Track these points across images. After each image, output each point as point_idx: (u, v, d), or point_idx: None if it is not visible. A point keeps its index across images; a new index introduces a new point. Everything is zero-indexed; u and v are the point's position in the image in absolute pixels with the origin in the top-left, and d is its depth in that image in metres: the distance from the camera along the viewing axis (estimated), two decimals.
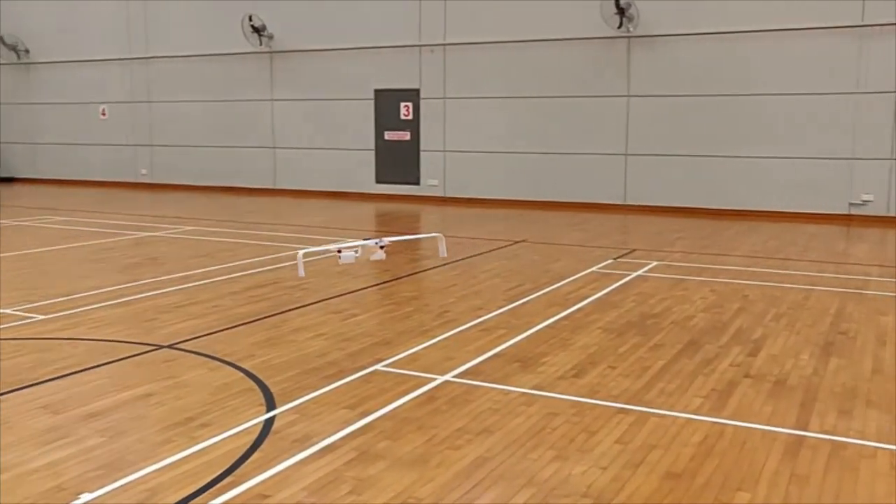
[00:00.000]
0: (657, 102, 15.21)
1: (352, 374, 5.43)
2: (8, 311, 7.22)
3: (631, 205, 15.59)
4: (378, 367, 5.59)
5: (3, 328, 6.65)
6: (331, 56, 18.00)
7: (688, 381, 5.33)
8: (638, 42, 15.22)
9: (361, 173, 18.04)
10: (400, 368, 5.56)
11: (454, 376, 5.37)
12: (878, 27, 13.44)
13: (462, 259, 10.13)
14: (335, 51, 17.91)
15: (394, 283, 8.78)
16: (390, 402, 4.85)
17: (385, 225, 14.28)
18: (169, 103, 20.21)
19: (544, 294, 8.00)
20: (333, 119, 18.18)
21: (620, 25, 15.01)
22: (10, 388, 5.11)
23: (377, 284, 8.74)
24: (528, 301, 7.69)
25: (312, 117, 18.41)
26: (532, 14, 15.93)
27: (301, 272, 8.45)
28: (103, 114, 21.16)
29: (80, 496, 3.65)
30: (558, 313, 7.17)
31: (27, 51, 21.89)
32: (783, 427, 4.52)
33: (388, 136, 17.70)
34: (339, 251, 8.73)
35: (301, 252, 8.40)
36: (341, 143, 18.17)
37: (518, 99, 16.34)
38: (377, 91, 17.63)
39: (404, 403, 4.85)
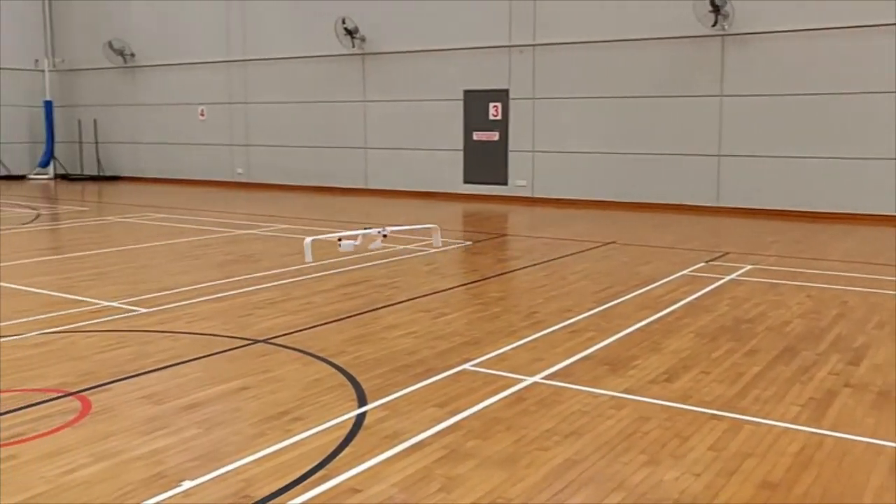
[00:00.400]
0: (751, 102, 14.80)
1: (441, 372, 5.47)
2: (113, 303, 7.55)
3: (723, 206, 15.22)
4: (467, 366, 5.62)
5: (109, 320, 6.95)
6: (421, 57, 18.16)
7: (784, 388, 5.17)
8: (732, 40, 14.83)
9: (450, 173, 18.13)
10: (488, 368, 5.57)
11: (543, 378, 5.36)
12: None
13: (551, 260, 10.08)
14: (426, 52, 18.06)
15: (482, 282, 8.80)
16: (479, 402, 4.87)
17: (472, 225, 14.32)
18: (265, 104, 20.74)
19: (635, 296, 7.89)
20: (423, 120, 18.33)
21: (715, 24, 14.67)
22: (115, 378, 5.35)
23: (466, 284, 8.78)
24: (618, 303, 7.59)
25: (403, 118, 18.61)
26: (623, 14, 15.71)
27: (308, 258, 8.65)
28: (202, 115, 21.89)
29: (181, 484, 3.78)
30: (649, 316, 7.06)
31: (133, 54, 22.81)
32: (889, 440, 4.34)
33: (476, 136, 17.74)
34: (340, 240, 8.98)
35: (308, 239, 8.61)
36: (430, 144, 18.31)
37: (608, 99, 16.14)
38: (466, 92, 17.69)
39: (493, 403, 4.86)
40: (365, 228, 9.64)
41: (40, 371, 5.51)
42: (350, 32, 18.59)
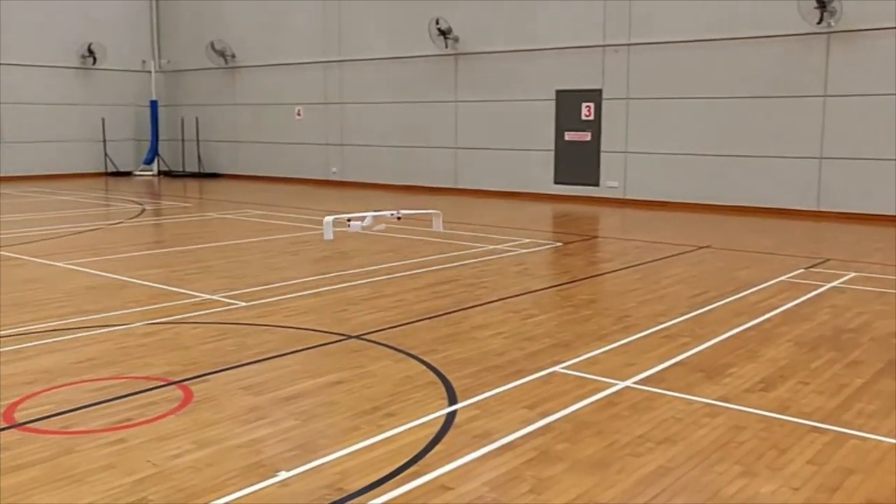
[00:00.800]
0: (857, 102, 14.23)
1: (531, 374, 5.48)
2: (214, 297, 7.83)
3: (824, 211, 14.69)
4: (557, 368, 5.61)
5: (211, 313, 7.21)
6: (513, 57, 18.14)
7: (891, 403, 4.97)
8: (838, 38, 14.30)
9: (540, 174, 18.06)
10: (579, 371, 5.55)
11: (635, 382, 5.30)
12: None
13: (644, 263, 9.94)
14: (518, 52, 18.03)
15: (573, 284, 8.75)
16: (570, 405, 4.86)
17: (563, 226, 14.24)
18: (359, 104, 21.08)
19: (730, 302, 7.72)
20: (514, 120, 18.30)
21: (820, 21, 14.17)
22: (217, 369, 5.55)
23: (556, 286, 8.74)
24: (712, 309, 7.44)
25: (494, 118, 18.63)
26: (721, 12, 15.33)
27: (329, 236, 8.80)
28: (298, 114, 22.41)
29: (278, 473, 3.91)
30: (745, 323, 6.90)
31: (233, 55, 23.52)
32: None
33: (568, 136, 17.62)
34: (349, 220, 9.14)
35: (328, 218, 8.74)
36: (521, 144, 18.27)
37: (704, 100, 15.79)
38: (559, 91, 17.58)
39: (584, 407, 4.84)
40: (376, 210, 9.81)
41: (147, 360, 5.77)
42: (443, 33, 18.72)
